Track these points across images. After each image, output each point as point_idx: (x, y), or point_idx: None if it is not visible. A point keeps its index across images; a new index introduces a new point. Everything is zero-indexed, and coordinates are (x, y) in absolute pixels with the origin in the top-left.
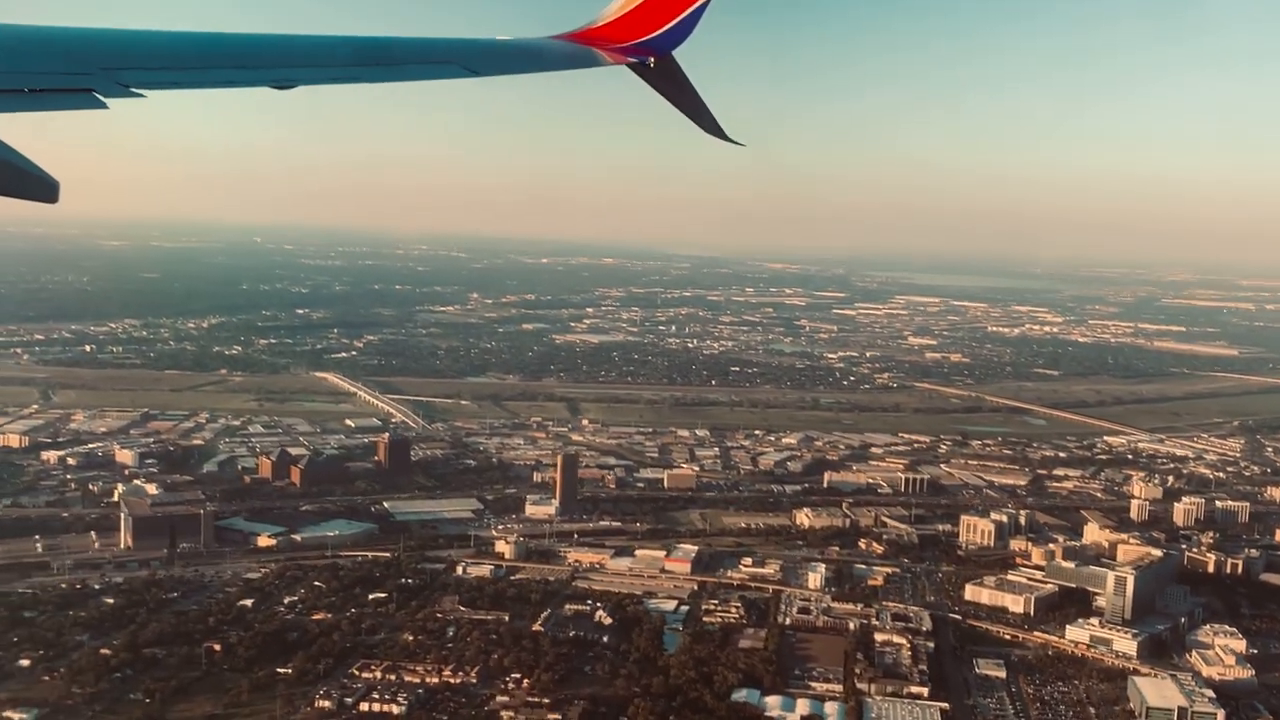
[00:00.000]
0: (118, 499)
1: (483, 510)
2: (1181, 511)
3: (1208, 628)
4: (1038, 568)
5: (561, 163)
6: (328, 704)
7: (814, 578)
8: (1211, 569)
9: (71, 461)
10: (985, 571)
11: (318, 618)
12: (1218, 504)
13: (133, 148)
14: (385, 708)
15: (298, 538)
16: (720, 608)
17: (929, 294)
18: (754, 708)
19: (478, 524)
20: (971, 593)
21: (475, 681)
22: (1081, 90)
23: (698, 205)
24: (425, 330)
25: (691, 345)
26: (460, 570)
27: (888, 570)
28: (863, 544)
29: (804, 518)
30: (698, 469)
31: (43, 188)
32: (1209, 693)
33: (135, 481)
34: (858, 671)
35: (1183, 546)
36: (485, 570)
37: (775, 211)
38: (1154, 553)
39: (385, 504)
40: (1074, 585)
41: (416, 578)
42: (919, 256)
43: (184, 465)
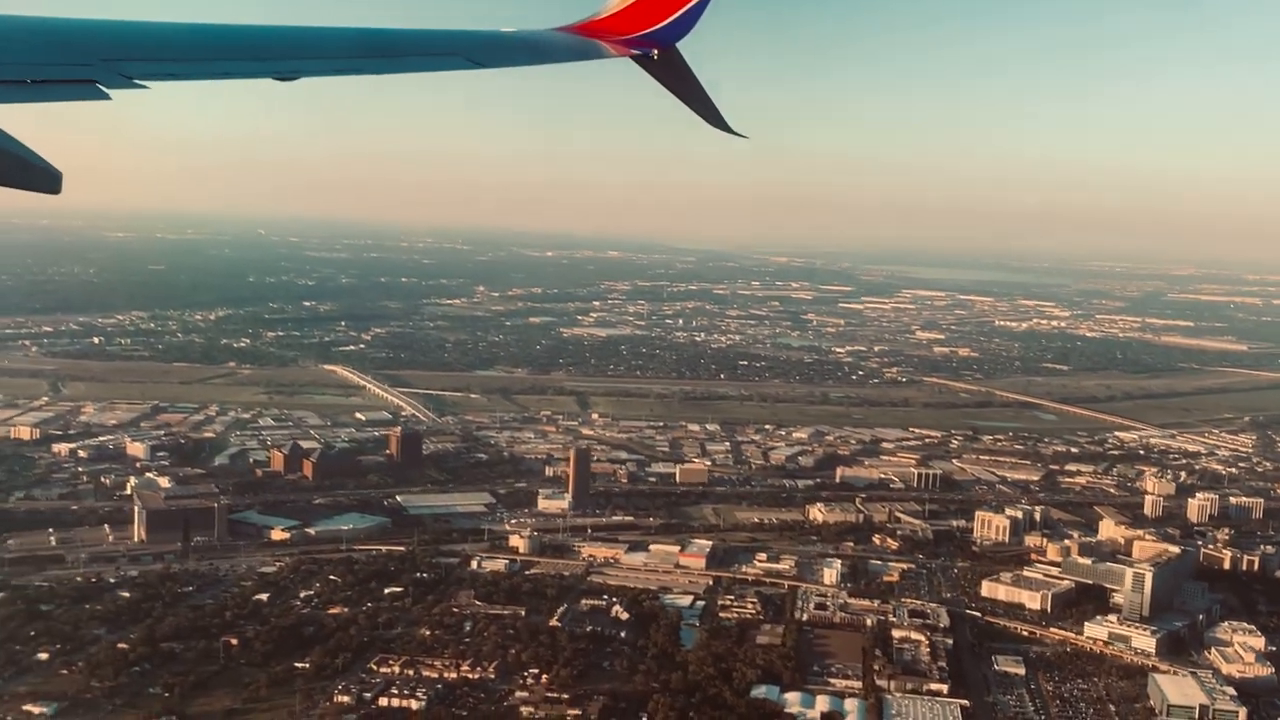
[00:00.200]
0: (130, 492)
1: (495, 504)
2: (1195, 508)
3: (1226, 625)
4: (1054, 564)
5: (564, 155)
6: (346, 699)
7: (829, 573)
8: (1227, 565)
9: (83, 454)
10: (1001, 567)
11: (334, 612)
12: (1231, 500)
13: (135, 139)
14: (404, 703)
15: (311, 531)
16: (736, 603)
17: (935, 288)
18: (773, 704)
19: (490, 518)
20: (988, 589)
21: (494, 677)
22: (1085, 84)
23: (702, 198)
24: (432, 323)
25: (699, 339)
26: (475, 565)
27: (903, 566)
28: (877, 539)
29: (817, 513)
30: (709, 464)
31: (45, 179)
32: (1230, 690)
33: (147, 475)
34: (876, 668)
35: (1198, 543)
36: (500, 565)
37: (779, 205)
38: (1171, 549)
39: (398, 497)
40: (1090, 582)
41: (431, 572)
42: (923, 250)
43: (195, 458)
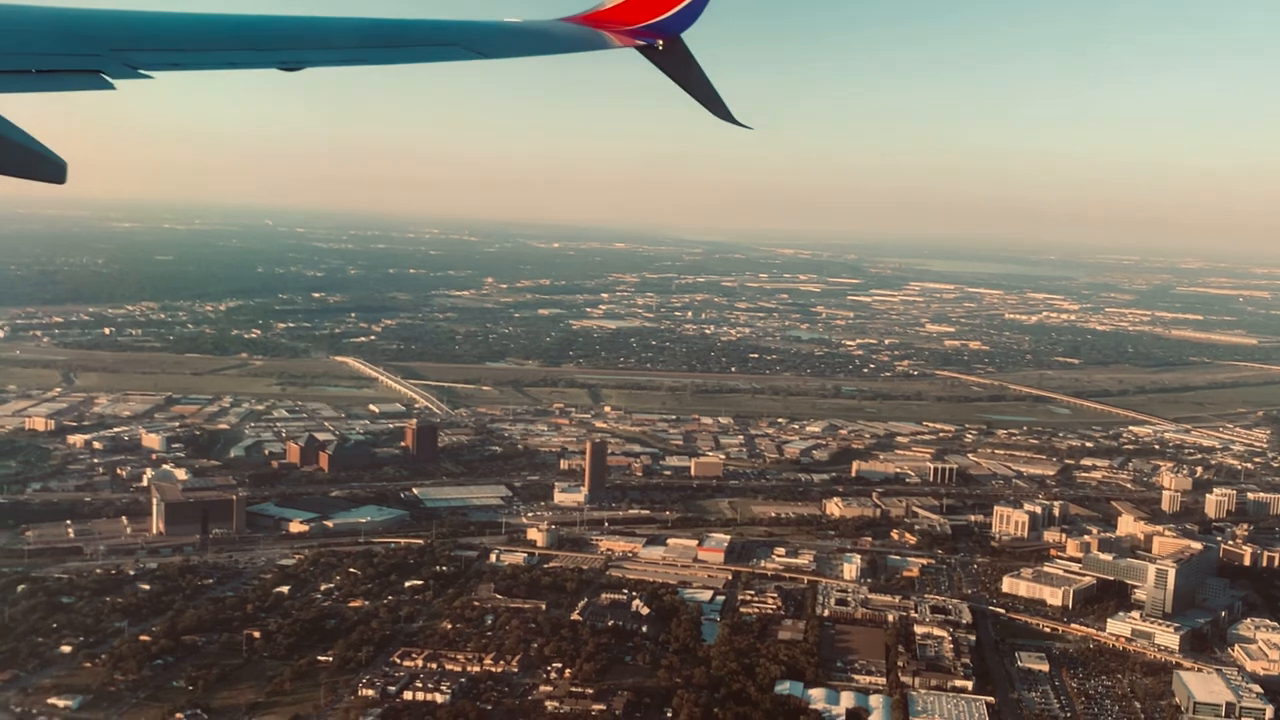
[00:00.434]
0: (147, 484)
1: (511, 497)
2: (1213, 503)
3: (1249, 621)
4: (1074, 560)
5: (569, 146)
6: (371, 692)
7: (849, 569)
8: (1248, 561)
9: (98, 445)
10: (1021, 563)
11: (355, 605)
12: (1249, 496)
13: (140, 129)
14: (429, 696)
15: (329, 524)
16: (757, 598)
17: (943, 280)
18: (798, 700)
19: (507, 511)
20: (1009, 585)
21: (516, 670)
22: (1091, 77)
23: (707, 190)
24: (442, 315)
25: (709, 331)
26: (494, 558)
27: (922, 561)
28: (895, 534)
29: (834, 507)
30: (724, 457)
31: (50, 168)
32: (1256, 688)
33: (163, 466)
34: (900, 664)
35: (1217, 539)
36: (519, 558)
37: (784, 197)
38: (1193, 545)
39: (414, 490)
40: (1111, 578)
41: (451, 565)
42: (930, 243)
43: (210, 450)
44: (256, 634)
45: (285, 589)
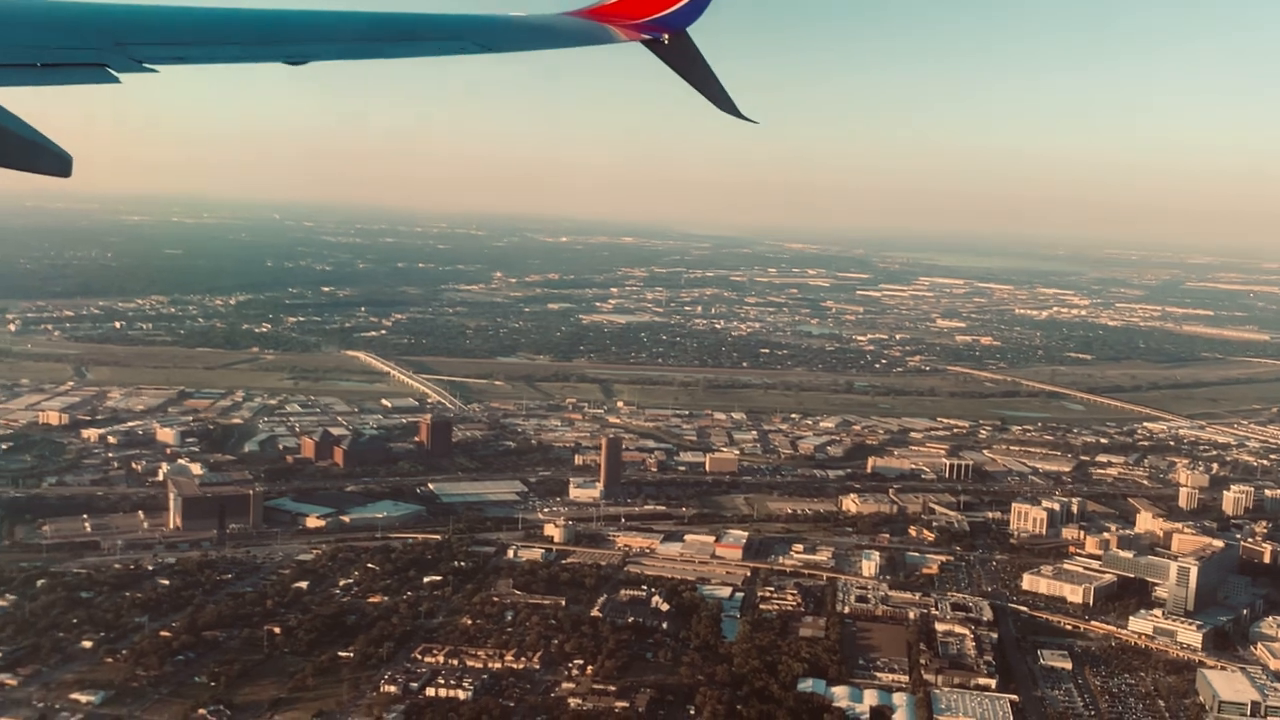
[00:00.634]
0: (163, 478)
1: (527, 493)
2: (1231, 500)
3: (1270, 619)
4: (1093, 557)
5: (574, 140)
6: (393, 689)
7: (868, 565)
8: (1268, 559)
9: (112, 440)
10: (1040, 560)
11: (374, 601)
12: (1266, 493)
13: (145, 123)
14: (451, 693)
15: (346, 519)
16: (776, 595)
17: (952, 275)
18: (821, 698)
19: (523, 506)
20: (1029, 582)
21: (538, 667)
22: (1098, 72)
23: (714, 184)
24: (452, 309)
25: (719, 326)
26: (512, 554)
27: (941, 558)
28: (913, 531)
29: (851, 504)
30: (738, 453)
31: (56, 161)
32: None
33: (179, 461)
34: (923, 662)
35: (1237, 536)
36: (536, 554)
37: (790, 191)
38: (1215, 543)
39: (430, 485)
40: (1132, 575)
41: (469, 561)
42: (937, 237)
43: (225, 444)
44: (277, 630)
45: (304, 584)
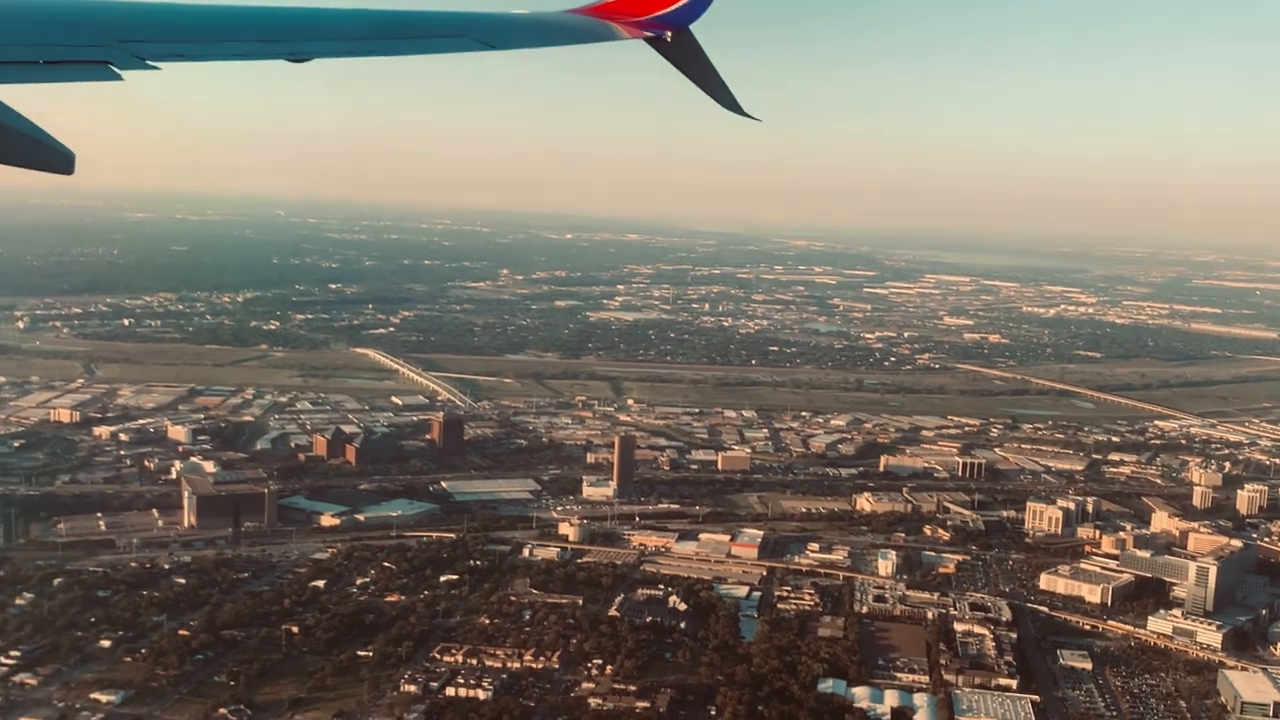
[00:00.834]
0: (176, 476)
1: (540, 491)
2: (1245, 499)
3: None
4: (1109, 556)
5: (578, 138)
6: (413, 689)
7: (884, 565)
8: None
9: (124, 437)
10: (1056, 560)
11: (392, 599)
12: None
13: (148, 120)
14: (471, 693)
15: (361, 517)
16: (794, 594)
17: (958, 273)
18: (842, 699)
19: (537, 505)
20: (1047, 581)
21: (558, 667)
22: (1100, 69)
23: (718, 182)
24: (459, 306)
25: (727, 324)
26: (527, 552)
27: (958, 558)
28: (928, 530)
29: (865, 502)
30: (750, 451)
31: (58, 159)
32: None
33: (192, 459)
34: (943, 663)
35: (1253, 535)
36: (552, 553)
37: (794, 189)
38: (1233, 543)
39: (443, 484)
40: (1150, 575)
41: (484, 559)
42: (942, 234)
43: (236, 442)
44: (295, 629)
45: (321, 583)
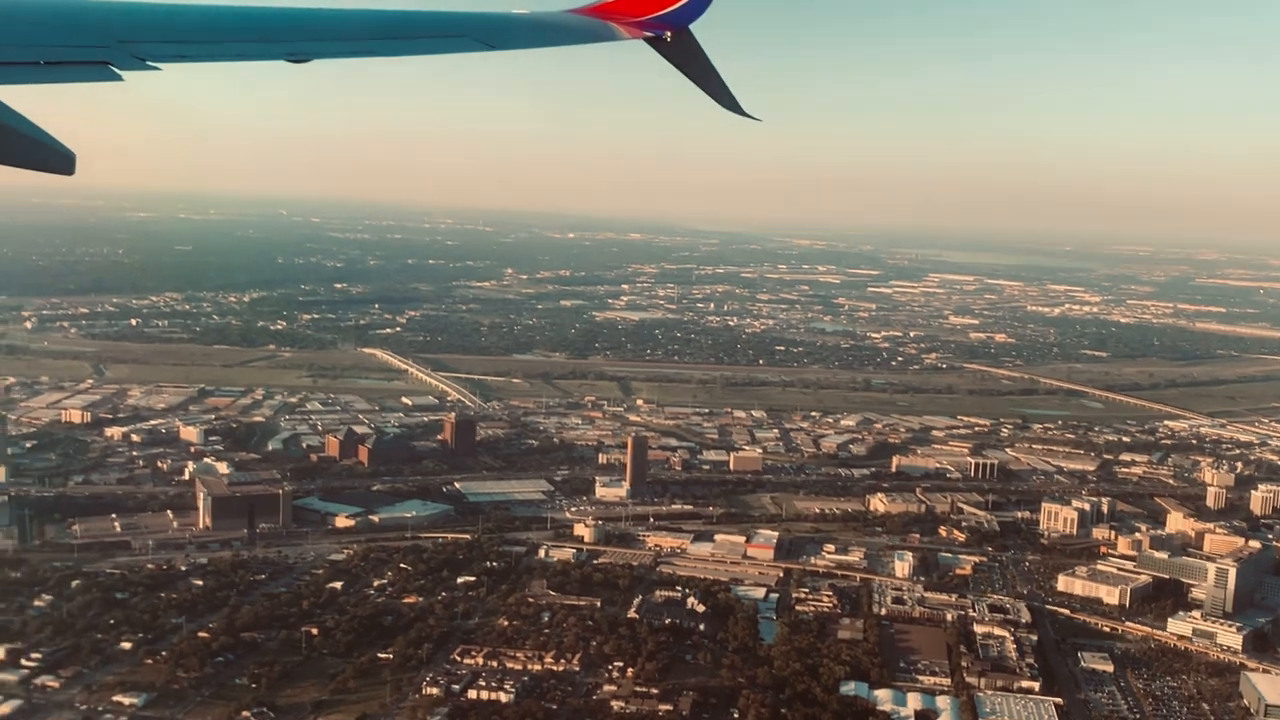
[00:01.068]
0: (190, 477)
1: (553, 492)
2: (1259, 499)
3: None
4: (1125, 557)
5: (579, 137)
6: (435, 691)
7: (901, 566)
8: None
9: (135, 438)
10: (1073, 561)
11: (409, 601)
12: None
13: (148, 120)
14: (493, 695)
15: (375, 518)
16: (811, 596)
17: (962, 272)
18: (864, 701)
19: (550, 506)
20: (1064, 583)
21: (578, 669)
22: (1101, 68)
23: (720, 181)
24: (465, 306)
25: (732, 324)
26: (543, 554)
27: (974, 559)
28: (943, 531)
29: (879, 503)
30: (761, 451)
31: (59, 159)
32: None
33: (205, 460)
34: (965, 665)
35: (1269, 536)
36: (567, 554)
37: (795, 188)
38: (1252, 544)
39: (456, 484)
40: (1167, 576)
41: (501, 560)
42: (944, 233)
43: (248, 443)
44: (315, 631)
45: (338, 585)
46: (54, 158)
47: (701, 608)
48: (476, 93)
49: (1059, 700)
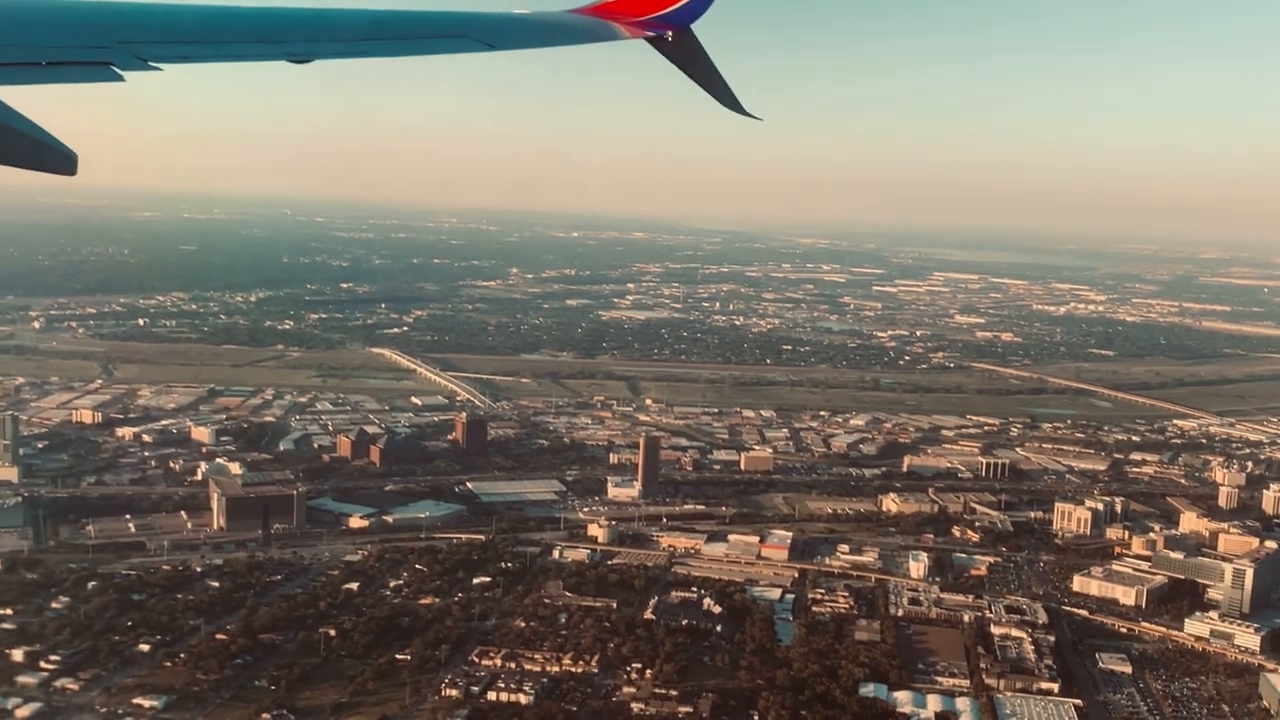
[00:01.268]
0: (203, 478)
1: (565, 492)
2: (1271, 499)
3: None
4: (1140, 557)
5: (582, 136)
6: (454, 693)
7: (916, 567)
8: None
9: (147, 438)
10: (1087, 561)
11: (426, 602)
12: None
13: (150, 120)
14: (513, 697)
15: (389, 519)
16: (828, 597)
17: (966, 270)
18: (884, 703)
19: (563, 506)
20: (1080, 584)
21: (597, 671)
22: (1103, 67)
23: (720, 179)
24: (471, 305)
25: (738, 323)
26: (557, 554)
27: (989, 560)
28: (956, 531)
29: (891, 503)
30: (772, 451)
31: (61, 160)
32: None
33: (217, 460)
34: (983, 666)
35: None
36: (582, 554)
37: (797, 187)
38: (1268, 544)
39: (468, 485)
40: (1183, 576)
41: (515, 561)
42: (947, 231)
43: (259, 443)
44: (333, 632)
45: (354, 586)
46: (56, 158)
47: (718, 609)
48: (478, 92)
49: (1079, 702)
